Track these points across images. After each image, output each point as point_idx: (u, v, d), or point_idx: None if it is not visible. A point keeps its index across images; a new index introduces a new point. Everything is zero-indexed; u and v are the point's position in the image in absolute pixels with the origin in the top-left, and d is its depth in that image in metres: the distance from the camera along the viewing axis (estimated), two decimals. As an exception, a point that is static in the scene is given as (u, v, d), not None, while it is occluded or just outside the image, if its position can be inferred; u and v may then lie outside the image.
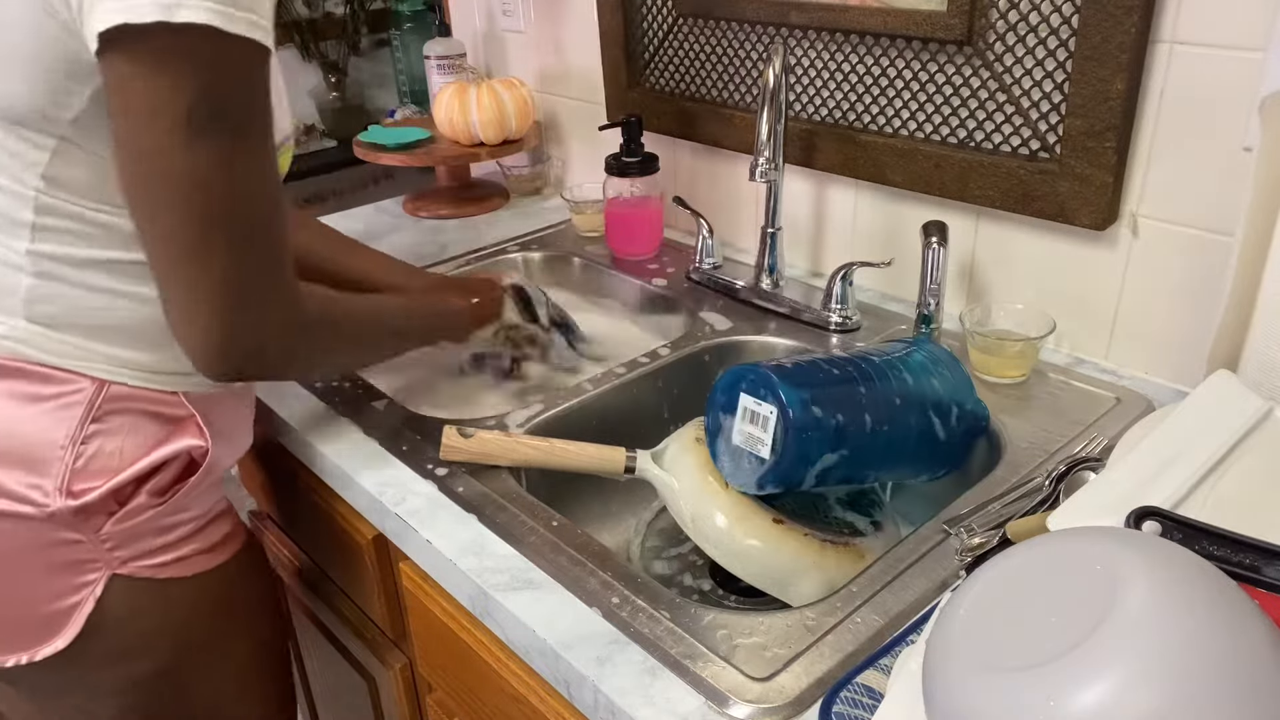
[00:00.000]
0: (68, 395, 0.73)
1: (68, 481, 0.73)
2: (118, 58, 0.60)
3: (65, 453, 0.73)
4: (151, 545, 0.79)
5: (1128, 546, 0.48)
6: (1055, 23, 0.89)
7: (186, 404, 0.79)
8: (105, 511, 0.75)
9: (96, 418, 0.74)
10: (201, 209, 0.63)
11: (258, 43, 0.63)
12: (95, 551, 0.75)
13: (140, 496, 0.76)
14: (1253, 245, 0.75)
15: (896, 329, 1.07)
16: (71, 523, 0.73)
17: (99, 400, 0.74)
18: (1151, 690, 0.42)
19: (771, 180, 1.00)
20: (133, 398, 0.76)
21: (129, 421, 0.76)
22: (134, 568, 0.78)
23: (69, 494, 0.73)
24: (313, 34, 1.95)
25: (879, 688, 0.60)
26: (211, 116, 0.61)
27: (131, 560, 0.77)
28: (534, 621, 0.69)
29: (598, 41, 1.36)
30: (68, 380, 0.73)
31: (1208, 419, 0.70)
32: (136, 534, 0.77)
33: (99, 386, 0.74)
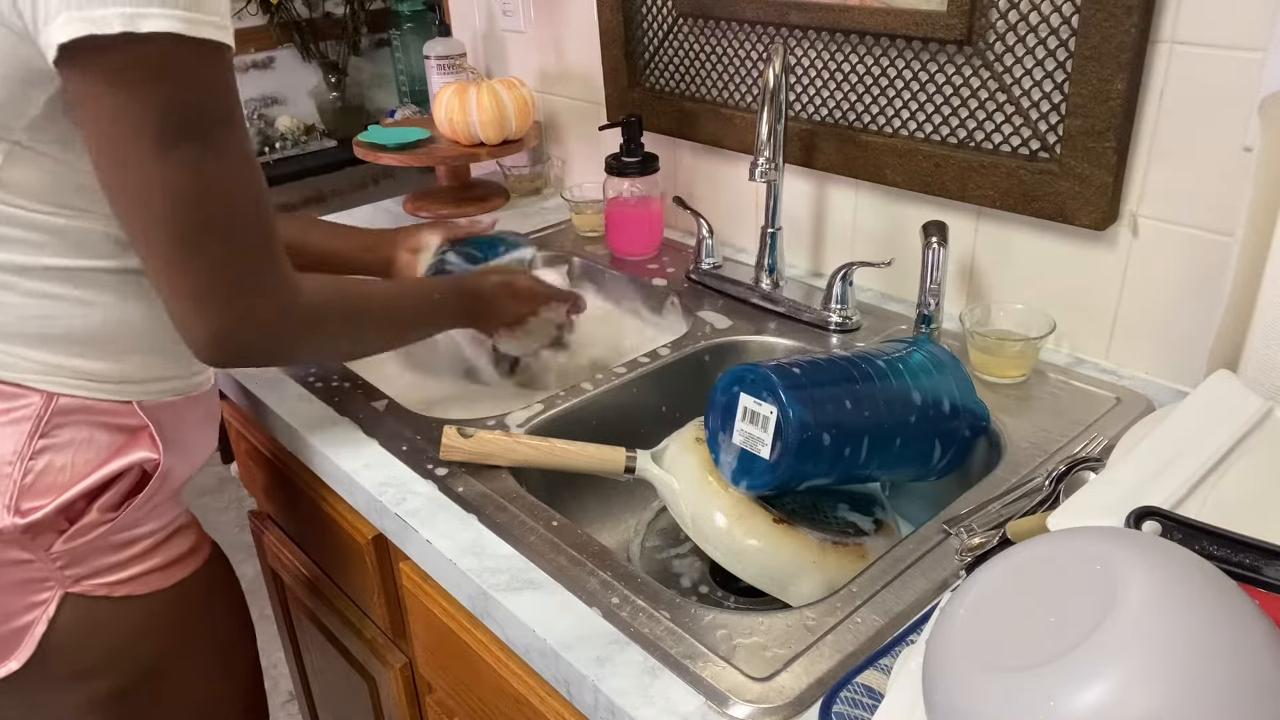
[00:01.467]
0: (15, 410, 0.71)
1: (15, 499, 0.70)
2: (81, 69, 0.60)
3: (13, 469, 0.70)
4: (105, 563, 0.76)
5: (1128, 546, 0.48)
6: (1055, 23, 0.89)
7: (140, 413, 0.76)
8: (55, 529, 0.73)
9: (45, 432, 0.72)
10: (183, 215, 0.64)
11: (222, 44, 0.63)
12: (46, 570, 0.73)
13: (91, 513, 0.74)
14: (1253, 245, 0.75)
15: (896, 329, 1.07)
16: (20, 541, 0.71)
17: (48, 414, 0.72)
18: (1152, 690, 0.42)
19: (771, 180, 1.00)
20: (83, 410, 0.73)
21: (79, 435, 0.73)
22: (87, 586, 0.76)
23: (17, 512, 0.70)
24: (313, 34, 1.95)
25: (879, 688, 0.60)
26: (182, 126, 0.62)
27: (85, 578, 0.75)
28: (534, 621, 0.69)
29: (598, 41, 1.36)
30: (14, 394, 0.71)
31: (1208, 419, 0.70)
32: (88, 551, 0.75)
33: (47, 399, 0.72)
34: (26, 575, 0.73)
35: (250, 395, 1.02)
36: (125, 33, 0.57)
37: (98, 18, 0.57)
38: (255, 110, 2.40)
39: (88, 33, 0.57)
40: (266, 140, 2.37)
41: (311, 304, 0.75)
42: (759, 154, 1.01)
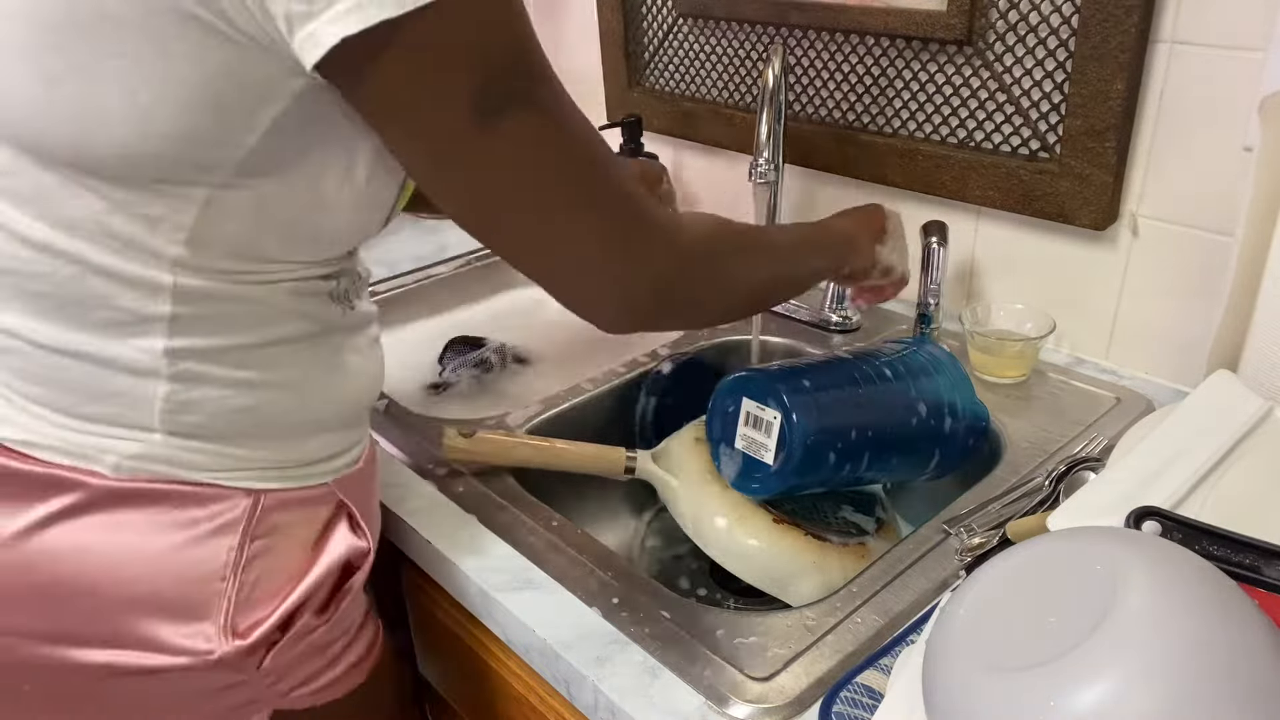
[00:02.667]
0: (221, 515, 0.61)
1: (232, 619, 0.61)
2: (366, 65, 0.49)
3: (226, 585, 0.61)
4: (312, 670, 0.67)
5: (1128, 546, 0.48)
6: (1055, 23, 0.89)
7: (337, 493, 0.67)
8: (267, 642, 0.63)
9: (256, 535, 0.62)
10: (534, 192, 0.56)
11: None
12: (257, 690, 0.64)
13: (304, 617, 0.64)
14: (1253, 245, 0.75)
15: (896, 329, 1.07)
16: (237, 664, 0.61)
17: (256, 514, 0.62)
18: (1152, 690, 0.42)
19: (770, 181, 1.00)
20: (287, 504, 0.63)
21: (284, 533, 0.63)
22: (292, 699, 0.66)
23: (235, 634, 0.61)
24: (313, 34, 1.95)
25: (879, 688, 0.60)
26: (504, 93, 0.52)
27: (292, 690, 0.66)
28: (534, 621, 0.69)
29: (598, 41, 1.36)
30: (219, 497, 0.61)
31: (1208, 419, 0.70)
32: (298, 661, 0.65)
33: (254, 499, 0.62)
34: (237, 699, 0.64)
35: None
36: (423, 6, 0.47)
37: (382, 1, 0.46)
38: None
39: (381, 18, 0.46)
40: None
41: (698, 237, 0.66)
42: (758, 155, 1.00)
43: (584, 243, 0.59)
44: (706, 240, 0.67)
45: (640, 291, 0.62)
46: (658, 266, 0.62)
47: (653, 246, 0.62)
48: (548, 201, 0.56)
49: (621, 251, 0.60)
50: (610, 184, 0.59)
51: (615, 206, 0.59)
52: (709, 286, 0.68)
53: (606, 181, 0.59)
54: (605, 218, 0.59)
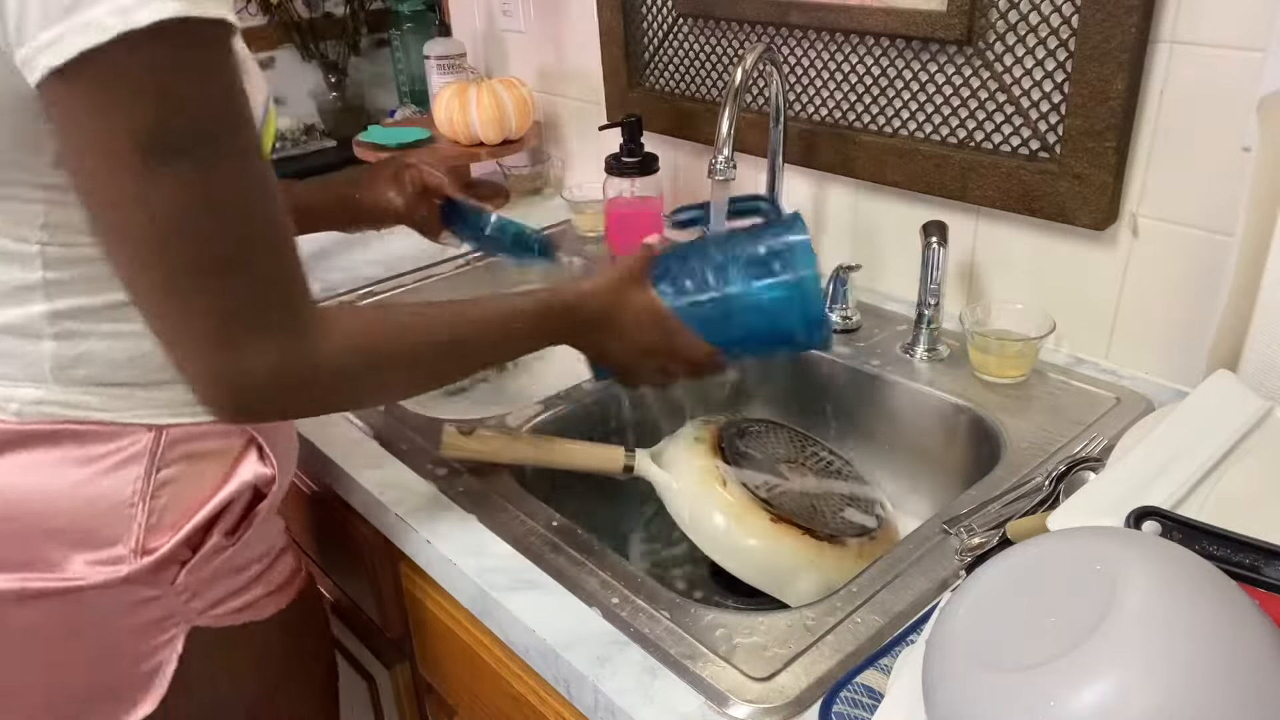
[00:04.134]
0: (126, 449, 0.66)
1: (142, 541, 0.67)
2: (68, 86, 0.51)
3: (136, 511, 0.66)
4: (226, 590, 0.73)
5: (1128, 546, 0.48)
6: (1055, 23, 0.89)
7: (247, 428, 0.72)
8: (178, 561, 0.69)
9: (161, 466, 0.67)
10: (177, 246, 0.54)
11: (227, 23, 0.53)
12: (172, 605, 0.70)
13: (213, 538, 0.70)
14: (1252, 245, 0.75)
15: (896, 329, 1.07)
16: (147, 580, 0.67)
17: (160, 448, 0.67)
18: (1151, 690, 0.42)
19: (729, 179, 0.97)
20: (193, 436, 0.69)
21: (194, 463, 0.69)
22: (211, 617, 0.72)
23: (144, 552, 0.67)
24: (313, 34, 1.95)
25: (879, 688, 0.60)
26: (174, 137, 0.52)
27: (208, 609, 0.72)
28: (534, 621, 0.69)
29: (598, 41, 1.36)
30: (122, 434, 0.66)
31: (1208, 419, 0.70)
32: (211, 580, 0.71)
33: (156, 433, 0.67)
34: (154, 614, 0.69)
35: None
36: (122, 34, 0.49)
37: (88, 24, 0.48)
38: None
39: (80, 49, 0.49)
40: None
41: (344, 349, 0.63)
42: (718, 152, 0.96)
43: (191, 319, 0.56)
44: (353, 353, 0.63)
45: (246, 393, 0.59)
46: (272, 373, 0.59)
47: (278, 348, 0.58)
48: (173, 263, 0.55)
49: (223, 344, 0.57)
50: (255, 270, 0.57)
51: (244, 295, 0.57)
52: (337, 398, 0.66)
53: (248, 265, 0.57)
54: (223, 301, 0.56)
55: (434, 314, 0.71)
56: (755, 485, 0.80)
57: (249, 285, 0.57)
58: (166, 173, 0.52)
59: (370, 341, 0.65)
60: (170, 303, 0.56)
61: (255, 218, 0.57)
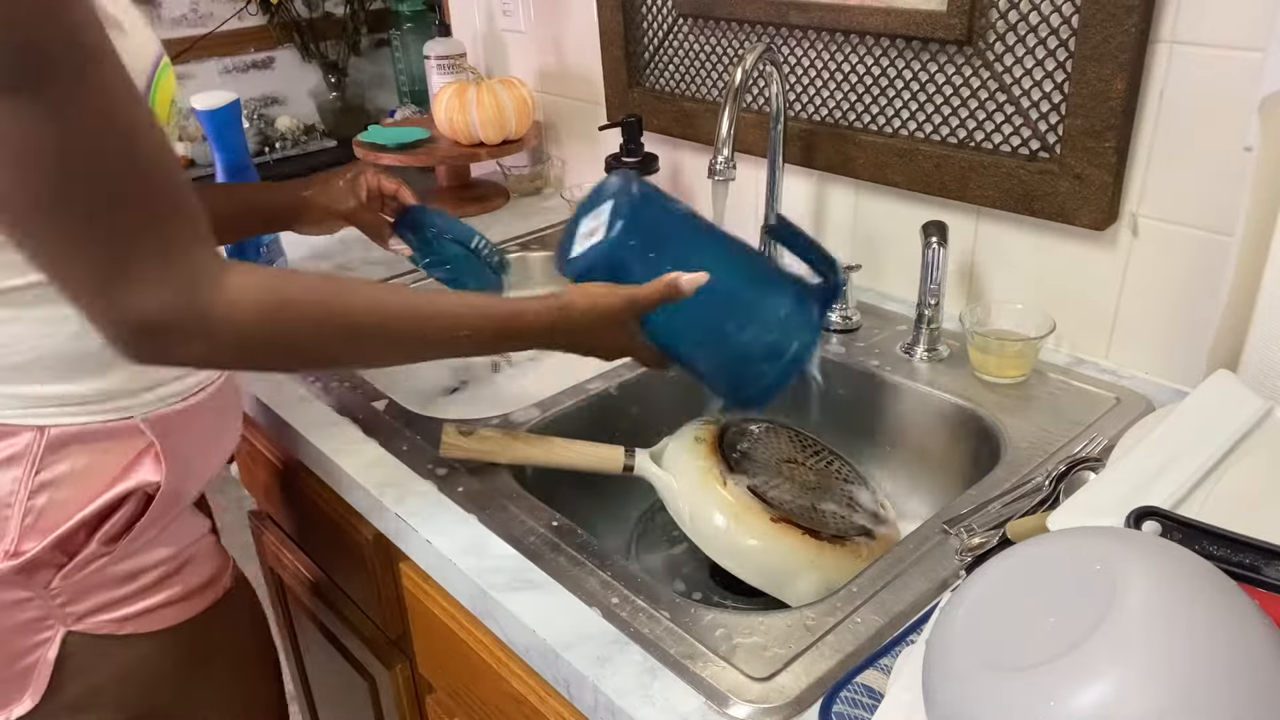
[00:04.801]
0: (6, 449, 0.66)
1: (17, 543, 0.66)
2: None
3: (12, 513, 0.66)
4: (109, 598, 0.71)
5: (1128, 546, 0.48)
6: (1055, 23, 0.89)
7: (144, 430, 0.70)
8: (53, 565, 0.68)
9: (41, 468, 0.66)
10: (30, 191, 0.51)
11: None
12: (46, 608, 0.69)
13: (91, 545, 0.69)
14: (1252, 245, 0.75)
15: (896, 329, 1.07)
16: (16, 581, 0.67)
17: (40, 450, 0.66)
18: (1151, 690, 0.42)
19: (729, 179, 0.97)
20: (81, 436, 0.68)
21: (79, 464, 0.68)
22: (90, 624, 0.71)
23: (13, 554, 0.66)
24: (313, 34, 1.95)
25: (879, 688, 0.60)
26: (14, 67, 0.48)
27: (88, 615, 0.71)
28: (534, 621, 0.69)
29: (598, 41, 1.36)
30: (5, 433, 0.66)
31: (1208, 419, 0.70)
32: (90, 586, 0.70)
33: (38, 434, 0.66)
34: (28, 615, 0.69)
35: (250, 396, 1.02)
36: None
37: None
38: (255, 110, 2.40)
39: None
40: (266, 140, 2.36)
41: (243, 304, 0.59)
42: (718, 152, 0.96)
43: (72, 261, 0.54)
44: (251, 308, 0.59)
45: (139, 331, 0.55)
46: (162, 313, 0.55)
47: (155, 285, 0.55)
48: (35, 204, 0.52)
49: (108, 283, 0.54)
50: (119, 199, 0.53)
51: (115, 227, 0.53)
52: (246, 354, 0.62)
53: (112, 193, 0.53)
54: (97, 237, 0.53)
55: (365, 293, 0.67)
56: (756, 485, 0.80)
57: (120, 223, 0.54)
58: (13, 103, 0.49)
59: (274, 301, 0.60)
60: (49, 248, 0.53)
61: (111, 154, 0.53)
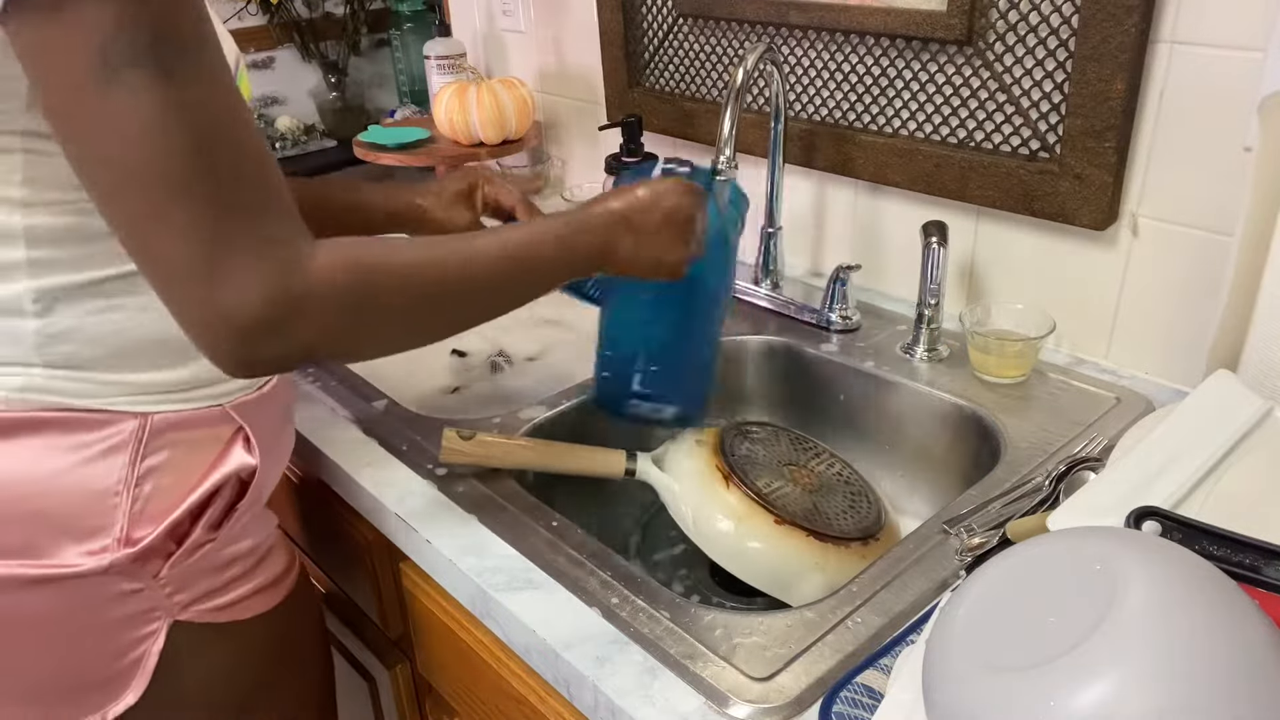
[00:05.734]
0: (110, 438, 0.66)
1: (127, 531, 0.66)
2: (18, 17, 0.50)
3: (121, 499, 0.66)
4: (210, 586, 0.72)
5: (1128, 546, 0.48)
6: (1055, 23, 0.89)
7: (234, 416, 0.71)
8: (163, 554, 0.68)
9: (146, 455, 0.67)
10: (138, 168, 0.51)
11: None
12: (155, 599, 0.69)
13: (197, 531, 0.70)
14: (1252, 245, 0.75)
15: (896, 329, 1.07)
16: (130, 570, 0.67)
17: (145, 435, 0.66)
18: (1151, 690, 0.42)
19: (730, 179, 0.97)
20: (179, 424, 0.68)
21: (180, 451, 0.68)
22: (194, 613, 0.72)
23: (127, 542, 0.66)
24: (313, 34, 1.94)
25: (879, 688, 0.60)
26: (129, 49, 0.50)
27: (191, 604, 0.71)
28: (534, 621, 0.69)
29: (598, 41, 1.36)
30: (105, 422, 0.66)
31: (1208, 419, 0.70)
32: (195, 574, 0.71)
33: (142, 421, 0.66)
34: (137, 607, 0.69)
35: (250, 395, 1.02)
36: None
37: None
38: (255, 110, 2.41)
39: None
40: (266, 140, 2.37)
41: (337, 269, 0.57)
42: (719, 152, 0.96)
43: (175, 243, 0.53)
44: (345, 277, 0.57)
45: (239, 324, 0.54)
46: (264, 298, 0.54)
47: (256, 271, 0.54)
48: (148, 181, 0.52)
49: (211, 267, 0.53)
50: (228, 182, 0.53)
51: (222, 209, 0.53)
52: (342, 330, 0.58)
53: (224, 184, 0.53)
54: (205, 219, 0.53)
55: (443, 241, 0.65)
56: (757, 488, 0.80)
57: (227, 205, 0.53)
58: (126, 87, 0.50)
59: (365, 264, 0.59)
60: (150, 230, 0.53)
61: (225, 137, 0.54)
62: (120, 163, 0.52)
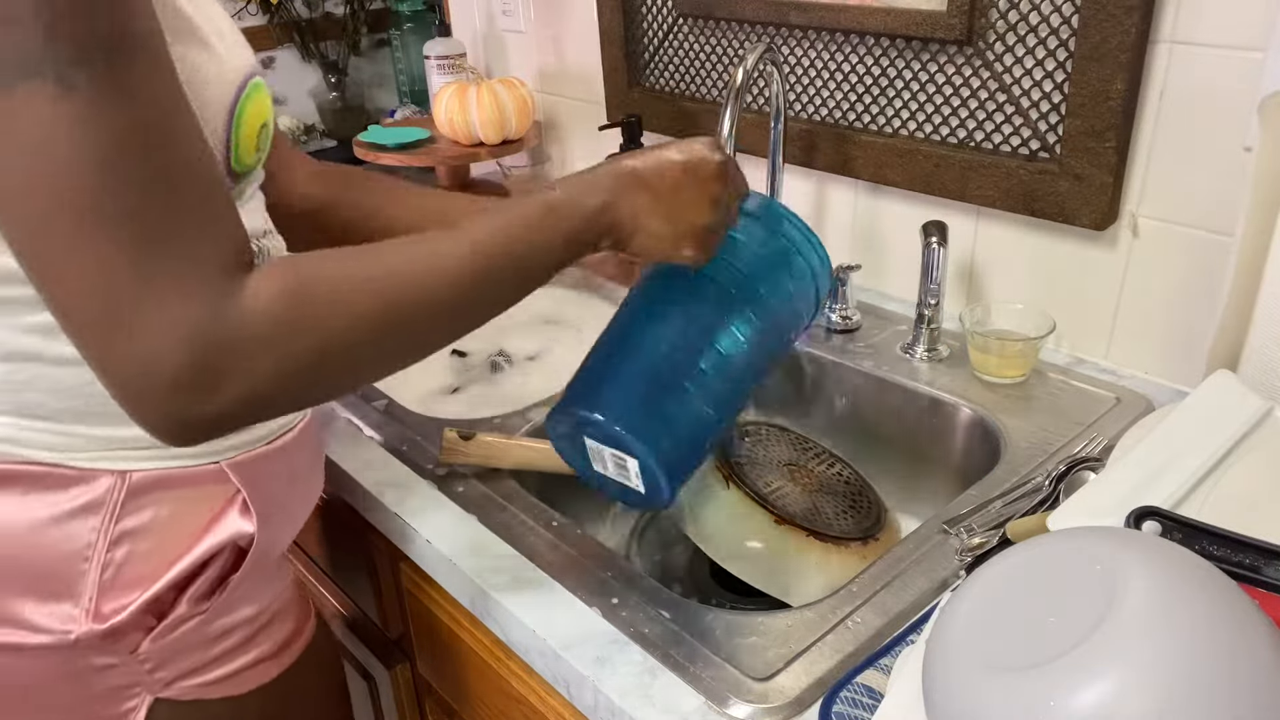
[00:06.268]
0: (82, 496, 0.60)
1: (95, 602, 0.60)
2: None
3: (90, 566, 0.59)
4: (200, 661, 0.65)
5: (1128, 546, 0.48)
6: (1055, 23, 0.89)
7: (230, 476, 0.64)
8: (142, 628, 0.62)
9: (121, 517, 0.60)
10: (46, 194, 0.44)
11: None
12: (133, 675, 0.63)
13: (181, 605, 0.63)
14: (1252, 245, 0.75)
15: (896, 329, 1.07)
16: (101, 647, 0.61)
17: (121, 495, 0.60)
18: (1151, 690, 0.42)
19: None
20: (163, 483, 0.61)
21: (164, 513, 0.62)
22: (179, 689, 0.65)
23: (95, 616, 0.60)
24: (313, 34, 1.94)
25: (879, 688, 0.60)
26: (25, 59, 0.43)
27: (176, 680, 0.65)
28: (534, 621, 0.69)
29: (598, 41, 1.36)
30: (79, 479, 0.59)
31: (1208, 419, 0.70)
32: (180, 649, 0.64)
33: (119, 478, 0.60)
34: (111, 682, 0.63)
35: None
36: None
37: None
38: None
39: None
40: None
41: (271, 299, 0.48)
42: None
43: (81, 282, 0.44)
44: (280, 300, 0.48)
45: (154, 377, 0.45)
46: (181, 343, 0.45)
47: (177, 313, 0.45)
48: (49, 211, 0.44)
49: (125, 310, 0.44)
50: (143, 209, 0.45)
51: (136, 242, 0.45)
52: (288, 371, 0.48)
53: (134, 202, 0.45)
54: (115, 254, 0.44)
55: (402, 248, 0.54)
56: (757, 488, 0.80)
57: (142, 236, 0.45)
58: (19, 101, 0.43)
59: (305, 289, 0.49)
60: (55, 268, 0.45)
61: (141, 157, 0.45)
62: (18, 190, 0.44)
